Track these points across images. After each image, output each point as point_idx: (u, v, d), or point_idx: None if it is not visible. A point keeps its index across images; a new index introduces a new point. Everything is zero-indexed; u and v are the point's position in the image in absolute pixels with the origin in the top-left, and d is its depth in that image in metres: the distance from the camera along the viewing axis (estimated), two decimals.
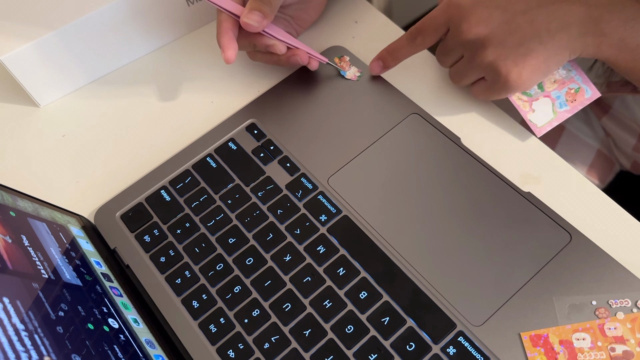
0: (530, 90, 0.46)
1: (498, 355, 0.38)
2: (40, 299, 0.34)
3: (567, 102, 0.45)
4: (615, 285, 0.39)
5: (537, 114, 0.45)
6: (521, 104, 0.46)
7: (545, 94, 0.46)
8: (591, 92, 0.45)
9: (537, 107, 0.46)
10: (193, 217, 0.47)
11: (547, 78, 0.46)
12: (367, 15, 0.57)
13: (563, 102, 0.45)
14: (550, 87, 0.46)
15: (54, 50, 0.52)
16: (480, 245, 0.42)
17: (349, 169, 0.47)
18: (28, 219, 0.40)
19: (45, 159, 0.52)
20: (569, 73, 0.46)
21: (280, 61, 0.50)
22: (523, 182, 0.45)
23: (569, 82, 0.46)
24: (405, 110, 0.49)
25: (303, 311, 0.41)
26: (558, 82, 0.46)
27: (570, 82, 0.45)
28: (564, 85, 0.46)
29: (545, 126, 0.45)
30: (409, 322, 0.40)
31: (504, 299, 0.40)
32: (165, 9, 0.55)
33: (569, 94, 0.45)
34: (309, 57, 0.50)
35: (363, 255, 0.43)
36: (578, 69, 0.46)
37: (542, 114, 0.45)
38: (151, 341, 0.41)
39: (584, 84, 0.46)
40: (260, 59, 0.51)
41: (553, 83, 0.46)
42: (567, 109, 0.45)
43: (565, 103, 0.45)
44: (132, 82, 0.56)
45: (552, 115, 0.45)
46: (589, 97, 0.45)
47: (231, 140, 0.50)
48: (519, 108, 0.46)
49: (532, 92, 0.46)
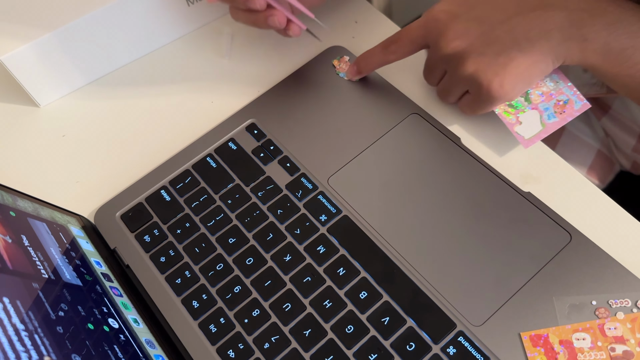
0: (517, 103, 0.45)
1: (498, 355, 0.38)
2: (40, 299, 0.34)
3: (555, 114, 0.44)
4: (615, 285, 0.39)
5: (524, 126, 0.45)
6: (507, 116, 0.45)
7: (533, 106, 0.45)
8: (581, 104, 0.44)
9: (524, 119, 0.45)
10: (193, 217, 0.47)
11: (534, 90, 0.45)
12: (367, 15, 0.57)
13: (552, 114, 0.44)
14: (537, 100, 0.45)
15: (53, 51, 0.52)
16: (480, 245, 0.42)
17: (349, 169, 0.47)
18: (28, 219, 0.40)
19: (45, 159, 0.52)
20: (557, 85, 0.45)
21: (258, 21, 0.48)
22: (523, 182, 0.45)
23: (557, 94, 0.45)
24: (405, 110, 0.49)
25: (303, 311, 0.41)
26: (546, 94, 0.45)
27: (558, 94, 0.45)
28: (552, 97, 0.45)
29: (533, 138, 0.44)
30: (409, 322, 0.40)
31: (504, 299, 0.40)
32: (165, 9, 0.55)
33: (557, 105, 0.44)
34: (289, 21, 0.48)
35: (363, 255, 0.43)
36: (566, 81, 0.45)
37: (529, 126, 0.45)
38: (151, 341, 0.41)
39: (573, 95, 0.45)
40: (241, 18, 0.49)
41: (540, 95, 0.45)
42: (555, 120, 0.44)
43: (554, 115, 0.44)
44: (132, 82, 0.56)
45: (541, 126, 0.44)
46: (579, 108, 0.44)
47: (231, 140, 0.50)
48: (505, 120, 0.45)
49: (519, 105, 0.45)
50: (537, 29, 0.41)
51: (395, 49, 0.47)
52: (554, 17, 0.41)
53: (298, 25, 0.49)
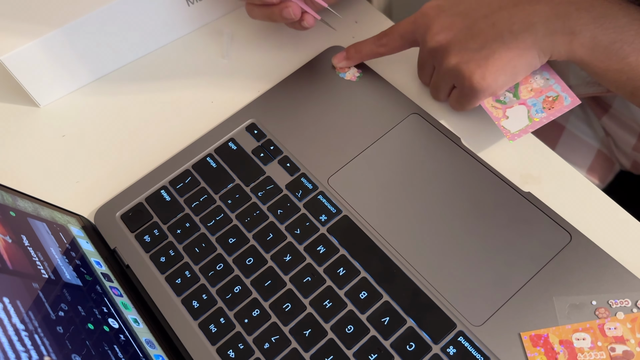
0: (505, 98, 0.45)
1: (498, 355, 0.38)
2: (40, 299, 0.34)
3: (544, 109, 0.44)
4: (615, 285, 0.39)
5: (511, 120, 0.45)
6: (494, 110, 0.45)
7: (521, 101, 0.45)
8: (570, 100, 0.44)
9: (511, 114, 0.45)
10: (193, 217, 0.47)
11: (524, 86, 0.45)
12: (367, 15, 0.57)
13: (540, 109, 0.44)
14: (526, 95, 0.45)
15: (54, 50, 0.52)
16: (480, 245, 0.42)
17: (349, 169, 0.47)
18: (28, 219, 0.40)
19: (45, 159, 0.52)
20: (547, 82, 0.45)
21: (273, 15, 0.49)
22: (523, 182, 0.45)
23: (547, 90, 0.45)
24: (405, 110, 0.49)
25: (303, 311, 0.41)
26: (535, 90, 0.45)
27: (548, 90, 0.45)
28: (541, 93, 0.45)
29: (519, 132, 0.44)
30: (409, 322, 0.40)
31: (504, 299, 0.40)
32: (165, 9, 0.55)
33: (546, 101, 0.44)
34: (303, 12, 0.49)
35: (363, 255, 0.43)
36: (557, 78, 0.45)
37: (516, 120, 0.45)
38: (151, 341, 0.41)
39: (562, 92, 0.45)
40: (257, 15, 0.51)
41: (530, 91, 0.45)
42: (543, 115, 0.44)
43: (542, 110, 0.44)
44: (132, 82, 0.56)
45: (527, 121, 0.44)
46: (568, 104, 0.44)
47: (231, 140, 0.50)
48: (491, 114, 0.45)
49: (507, 100, 0.45)
50: (520, 23, 0.41)
51: (385, 41, 0.48)
52: (537, 10, 0.41)
53: (312, 15, 0.50)
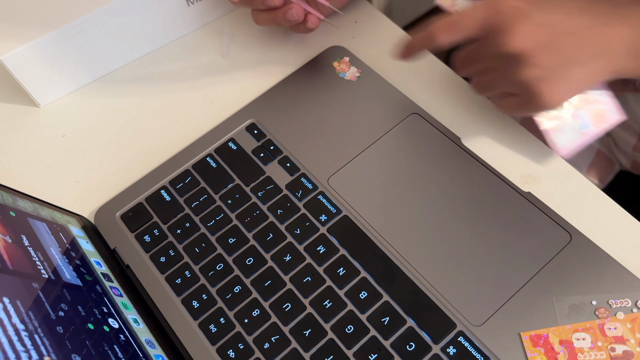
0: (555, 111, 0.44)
1: (498, 355, 0.38)
2: (40, 299, 0.34)
3: (591, 124, 0.43)
4: (615, 285, 0.39)
5: (560, 134, 0.44)
6: (544, 121, 0.44)
7: (570, 113, 0.44)
8: (617, 115, 0.44)
9: (560, 127, 0.44)
10: (193, 217, 0.47)
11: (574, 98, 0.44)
12: (367, 15, 0.57)
13: (587, 123, 0.43)
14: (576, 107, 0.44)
15: (54, 51, 0.52)
16: (480, 245, 0.42)
17: (349, 169, 0.47)
18: (28, 219, 0.40)
19: (45, 159, 0.52)
20: (597, 95, 0.44)
21: (278, 18, 0.49)
22: (523, 182, 0.45)
23: (594, 103, 0.44)
24: (405, 110, 0.49)
25: (303, 311, 0.41)
26: (584, 101, 0.44)
27: (595, 103, 0.44)
28: (590, 106, 0.44)
29: (568, 147, 0.44)
30: (409, 322, 0.40)
31: (504, 299, 0.40)
32: (165, 9, 0.55)
33: (594, 114, 0.43)
34: (307, 13, 0.49)
35: (363, 255, 0.43)
36: (606, 89, 0.44)
37: (565, 134, 0.44)
38: (151, 341, 0.41)
39: (610, 105, 0.44)
40: (262, 20, 0.51)
41: (579, 102, 0.44)
42: (590, 130, 0.44)
43: (589, 124, 0.43)
44: (132, 82, 0.56)
45: (576, 135, 0.44)
46: (615, 118, 0.44)
47: (231, 140, 0.50)
48: (541, 127, 0.44)
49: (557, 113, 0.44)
50: (603, 48, 0.40)
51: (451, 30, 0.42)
52: (620, 34, 0.40)
53: (315, 15, 0.50)
